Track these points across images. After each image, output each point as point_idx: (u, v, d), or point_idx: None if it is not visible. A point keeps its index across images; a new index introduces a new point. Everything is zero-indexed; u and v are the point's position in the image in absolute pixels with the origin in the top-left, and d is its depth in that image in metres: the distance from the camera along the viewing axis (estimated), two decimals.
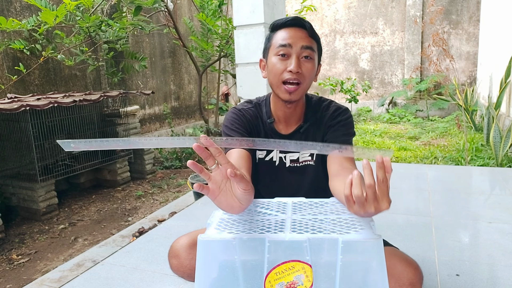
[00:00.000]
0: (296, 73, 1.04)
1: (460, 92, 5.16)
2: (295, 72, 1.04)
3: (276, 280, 0.74)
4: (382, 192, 0.68)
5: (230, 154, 1.12)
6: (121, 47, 3.70)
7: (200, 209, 2.52)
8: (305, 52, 1.06)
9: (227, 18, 4.09)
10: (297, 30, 1.07)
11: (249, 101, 1.24)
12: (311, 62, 1.07)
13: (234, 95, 6.35)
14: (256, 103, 1.22)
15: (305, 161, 1.16)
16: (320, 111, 1.18)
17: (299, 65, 1.05)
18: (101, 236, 2.58)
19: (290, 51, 1.06)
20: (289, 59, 1.06)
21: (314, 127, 1.17)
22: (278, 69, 1.07)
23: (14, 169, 3.01)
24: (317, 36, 1.11)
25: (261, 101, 1.22)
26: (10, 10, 3.26)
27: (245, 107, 1.21)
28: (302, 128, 1.16)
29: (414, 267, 0.88)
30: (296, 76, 1.05)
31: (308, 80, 1.08)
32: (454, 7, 6.59)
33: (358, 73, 7.45)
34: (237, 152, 1.11)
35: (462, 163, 3.67)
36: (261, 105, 1.21)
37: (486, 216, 2.13)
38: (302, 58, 1.06)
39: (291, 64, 1.04)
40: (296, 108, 1.15)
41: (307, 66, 1.06)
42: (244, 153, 1.11)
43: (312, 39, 1.08)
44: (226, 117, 1.20)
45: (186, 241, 1.03)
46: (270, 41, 1.11)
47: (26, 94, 3.30)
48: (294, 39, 1.06)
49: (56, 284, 1.68)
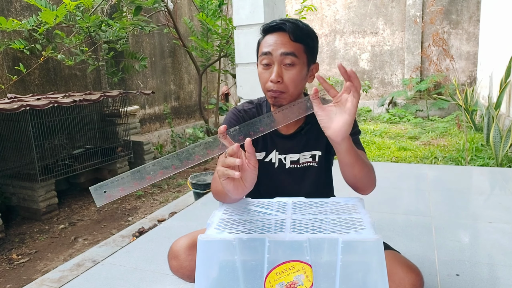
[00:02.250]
0: (277, 83, 1.03)
1: (460, 92, 5.16)
2: (276, 82, 1.03)
3: (276, 280, 0.74)
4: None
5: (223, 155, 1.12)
6: (121, 47, 3.70)
7: (200, 209, 2.52)
8: (286, 59, 1.03)
9: (227, 18, 4.09)
10: (279, 35, 1.04)
11: (250, 102, 1.24)
12: (294, 68, 1.04)
13: (234, 95, 6.35)
14: (257, 104, 1.22)
15: (306, 162, 1.16)
16: None
17: (279, 75, 1.03)
18: (101, 236, 2.58)
19: (271, 59, 1.04)
20: (271, 68, 1.05)
21: (317, 127, 1.16)
22: (263, 79, 1.07)
23: (14, 169, 3.01)
24: (305, 36, 1.06)
25: (262, 102, 1.22)
26: (10, 10, 3.25)
27: (245, 107, 1.21)
28: (303, 129, 1.15)
29: (416, 272, 0.88)
30: (277, 87, 1.04)
31: (293, 87, 1.05)
32: (454, 7, 6.59)
33: (358, 73, 7.45)
34: None
35: (462, 163, 3.67)
36: (262, 106, 1.21)
37: (486, 216, 2.13)
38: (284, 65, 1.04)
39: (271, 74, 1.04)
40: None
41: (289, 74, 1.04)
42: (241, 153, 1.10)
43: (295, 43, 1.03)
44: (226, 117, 1.20)
45: (185, 242, 1.03)
46: (258, 47, 1.12)
47: (26, 94, 3.30)
48: (274, 46, 1.04)
49: (56, 284, 1.68)
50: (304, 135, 1.16)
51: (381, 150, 4.50)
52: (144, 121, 4.68)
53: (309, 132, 1.16)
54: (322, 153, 1.16)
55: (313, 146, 1.16)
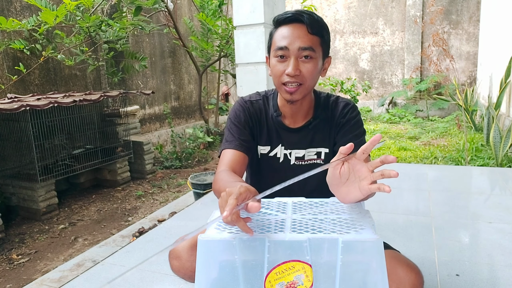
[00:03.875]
0: (294, 76, 1.02)
1: (460, 92, 5.16)
2: (293, 75, 1.01)
3: (276, 280, 0.74)
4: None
5: (225, 154, 1.11)
6: (121, 47, 3.70)
7: (200, 209, 2.52)
8: (304, 52, 1.01)
9: (227, 18, 4.09)
10: (296, 27, 1.02)
11: (258, 93, 1.23)
12: (312, 61, 1.03)
13: (234, 95, 6.35)
14: (264, 96, 1.21)
15: (311, 159, 1.15)
16: (330, 108, 1.16)
17: (297, 67, 1.01)
18: (101, 236, 2.58)
19: (288, 53, 1.02)
20: (288, 61, 1.02)
21: (324, 123, 1.15)
22: (278, 71, 1.05)
23: (14, 169, 3.01)
24: (322, 28, 1.04)
25: (269, 94, 1.21)
26: (10, 10, 3.25)
27: (252, 98, 1.20)
28: (311, 124, 1.14)
29: (416, 271, 0.88)
30: (295, 79, 1.02)
31: (310, 79, 1.04)
32: (454, 7, 6.59)
33: (358, 73, 7.46)
34: (231, 155, 1.09)
35: (462, 163, 3.67)
36: (269, 98, 1.20)
37: (486, 216, 2.13)
38: (301, 59, 1.02)
39: (289, 67, 1.01)
40: (302, 105, 1.13)
41: (307, 67, 1.02)
42: (239, 155, 1.10)
43: (313, 36, 1.02)
44: (233, 108, 1.19)
45: (187, 242, 1.02)
46: (272, 39, 1.08)
47: (26, 94, 3.30)
48: (292, 39, 1.01)
49: (56, 284, 1.68)
50: (311, 130, 1.14)
51: (381, 150, 4.50)
52: (144, 121, 4.68)
53: (317, 128, 1.15)
54: (329, 151, 1.15)
55: (320, 143, 1.15)
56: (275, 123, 1.16)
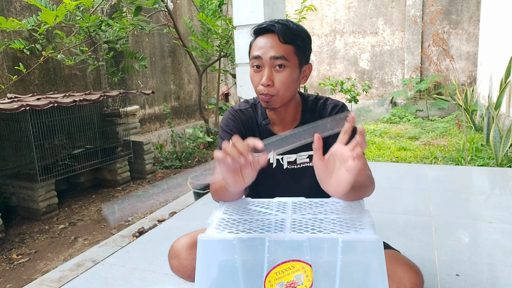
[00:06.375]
0: (267, 86, 1.03)
1: (460, 92, 5.16)
2: (266, 85, 1.02)
3: (276, 279, 0.74)
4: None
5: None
6: (121, 47, 3.70)
7: (200, 209, 2.52)
8: (277, 61, 1.01)
9: (227, 18, 4.09)
10: (269, 37, 1.03)
11: (246, 101, 1.23)
12: (285, 70, 1.02)
13: (234, 95, 6.35)
14: (252, 104, 1.21)
15: (303, 163, 1.15)
16: (318, 110, 1.16)
17: (270, 78, 1.02)
18: (101, 236, 2.58)
19: (262, 62, 1.03)
20: (262, 71, 1.04)
21: None
22: (254, 81, 1.07)
23: (14, 169, 3.01)
24: (296, 37, 1.03)
25: (257, 102, 1.21)
26: (10, 10, 3.25)
27: (242, 107, 1.21)
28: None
29: (416, 271, 0.88)
30: (267, 90, 1.03)
31: (284, 89, 1.04)
32: (454, 7, 6.59)
33: (358, 73, 7.45)
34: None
35: (462, 163, 3.67)
36: (257, 106, 1.20)
37: (486, 216, 2.13)
38: (275, 68, 1.03)
39: (262, 77, 1.03)
40: (287, 111, 1.13)
41: (279, 77, 1.03)
42: None
43: (285, 45, 1.02)
44: (223, 118, 1.20)
45: (186, 242, 1.03)
46: (250, 49, 1.10)
47: (26, 94, 3.30)
48: (264, 50, 1.02)
49: (56, 284, 1.68)
50: None
51: (381, 150, 4.50)
52: (144, 121, 4.68)
53: None
54: None
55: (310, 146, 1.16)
56: (264, 131, 1.16)
